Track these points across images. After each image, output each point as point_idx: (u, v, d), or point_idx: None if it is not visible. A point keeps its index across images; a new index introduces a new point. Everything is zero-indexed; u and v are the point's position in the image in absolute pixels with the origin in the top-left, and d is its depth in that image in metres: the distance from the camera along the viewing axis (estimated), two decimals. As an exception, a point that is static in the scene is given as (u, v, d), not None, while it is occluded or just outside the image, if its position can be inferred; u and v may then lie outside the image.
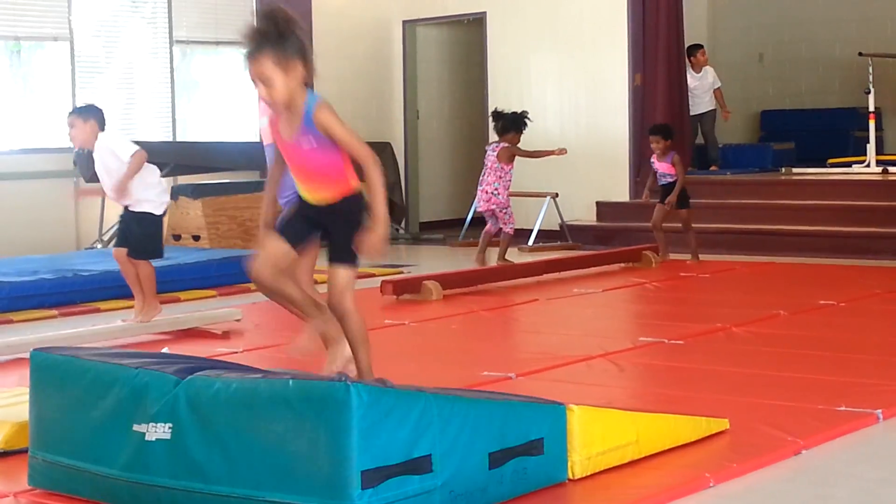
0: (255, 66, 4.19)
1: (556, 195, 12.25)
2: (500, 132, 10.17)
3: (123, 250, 7.11)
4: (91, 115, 7.12)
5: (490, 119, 10.35)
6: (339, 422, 3.33)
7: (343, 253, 4.47)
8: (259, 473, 3.49)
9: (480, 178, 10.34)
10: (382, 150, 14.06)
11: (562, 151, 10.50)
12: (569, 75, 13.22)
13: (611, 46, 12.95)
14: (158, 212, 7.12)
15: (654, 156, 10.32)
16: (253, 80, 4.22)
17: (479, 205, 10.39)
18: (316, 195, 4.41)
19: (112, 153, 7.04)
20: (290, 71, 4.19)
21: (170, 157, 11.47)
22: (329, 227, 4.48)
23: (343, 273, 4.48)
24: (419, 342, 6.97)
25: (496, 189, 10.12)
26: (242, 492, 3.51)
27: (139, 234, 7.06)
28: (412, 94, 14.76)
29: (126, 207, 7.14)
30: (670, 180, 10.23)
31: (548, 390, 5.07)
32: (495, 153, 10.11)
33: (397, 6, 14.54)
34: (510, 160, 10.12)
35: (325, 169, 4.32)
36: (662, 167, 10.25)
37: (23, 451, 4.18)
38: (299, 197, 4.50)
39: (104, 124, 7.13)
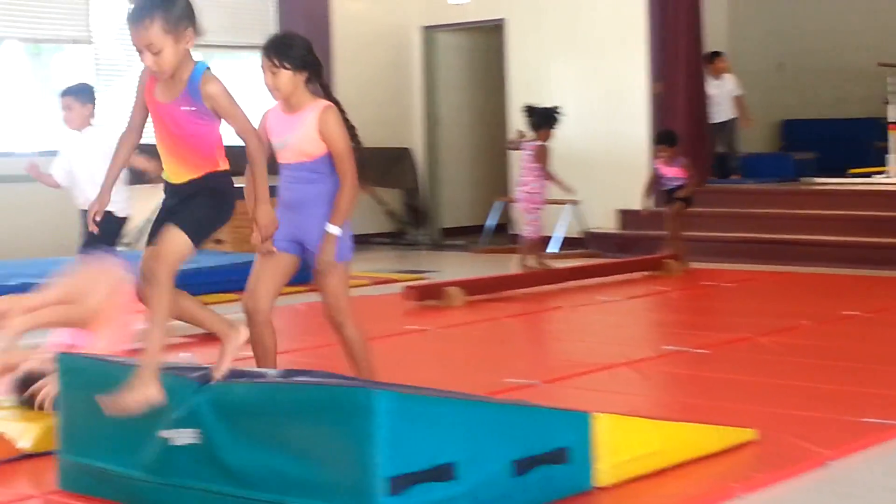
0: (142, 32, 3.78)
1: (578, 203, 12.23)
2: (534, 127, 10.15)
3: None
4: (88, 98, 6.84)
5: (524, 115, 10.30)
6: (364, 428, 3.33)
7: (187, 218, 3.88)
8: (286, 479, 3.50)
9: (519, 178, 10.30)
10: (402, 155, 14.09)
11: (570, 191, 10.48)
12: (589, 82, 13.21)
13: (631, 53, 12.94)
14: (123, 214, 6.85)
15: (659, 161, 10.33)
16: (138, 49, 3.82)
17: (520, 205, 10.33)
18: (180, 171, 3.95)
19: (109, 150, 6.88)
20: (180, 38, 3.82)
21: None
22: (186, 199, 3.94)
23: (177, 237, 3.83)
24: (442, 348, 6.98)
25: (534, 188, 10.08)
26: (271, 497, 3.52)
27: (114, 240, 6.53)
28: (432, 100, 14.78)
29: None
30: (677, 184, 10.24)
31: (572, 398, 5.09)
32: (532, 153, 10.07)
33: (417, 12, 14.56)
34: (539, 162, 10.07)
35: (197, 140, 3.92)
36: (671, 171, 10.25)
37: (50, 454, 4.20)
38: (165, 188, 4.05)
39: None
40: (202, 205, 3.92)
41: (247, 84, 13.22)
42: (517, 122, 11.94)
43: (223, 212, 4.00)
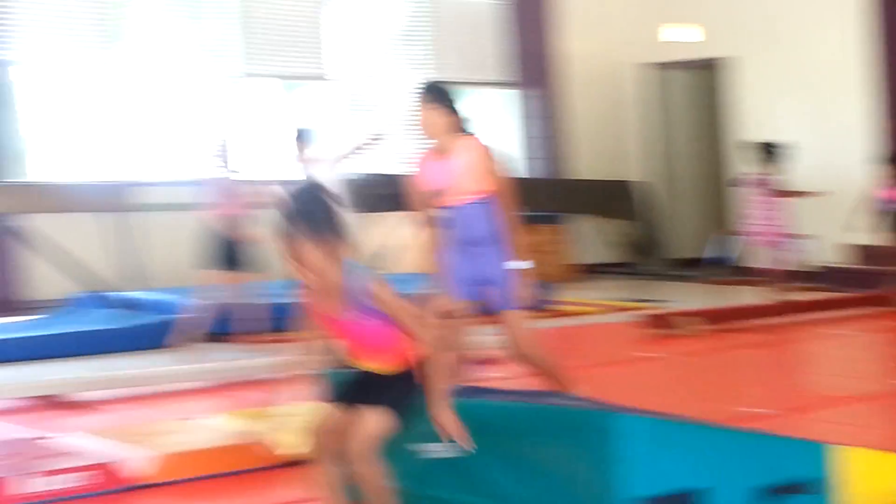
0: (294, 247, 3.65)
1: (811, 237, 12.04)
2: (764, 163, 10.13)
3: None
4: (304, 139, 7.93)
5: (748, 152, 10.30)
6: (606, 450, 3.44)
7: (389, 400, 3.73)
8: (530, 495, 3.64)
9: (749, 213, 10.22)
10: (622, 188, 14.24)
11: (825, 193, 10.37)
12: (816, 118, 13.10)
13: (855, 88, 12.79)
14: None
15: (884, 184, 10.15)
16: (289, 261, 3.69)
17: (758, 238, 10.21)
18: (370, 365, 3.82)
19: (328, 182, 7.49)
20: (332, 251, 3.64)
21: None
22: (379, 387, 3.78)
23: (377, 419, 3.68)
24: (677, 375, 7.05)
25: (774, 222, 9.99)
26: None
27: None
28: (658, 134, 14.92)
29: None
30: None
31: (810, 429, 5.06)
32: (768, 188, 10.02)
33: (637, 51, 14.73)
34: (781, 193, 10.02)
35: (376, 338, 3.76)
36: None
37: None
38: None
39: None
40: (398, 389, 3.79)
41: (488, 119, 13.61)
42: (737, 157, 11.94)
43: (416, 394, 3.83)
